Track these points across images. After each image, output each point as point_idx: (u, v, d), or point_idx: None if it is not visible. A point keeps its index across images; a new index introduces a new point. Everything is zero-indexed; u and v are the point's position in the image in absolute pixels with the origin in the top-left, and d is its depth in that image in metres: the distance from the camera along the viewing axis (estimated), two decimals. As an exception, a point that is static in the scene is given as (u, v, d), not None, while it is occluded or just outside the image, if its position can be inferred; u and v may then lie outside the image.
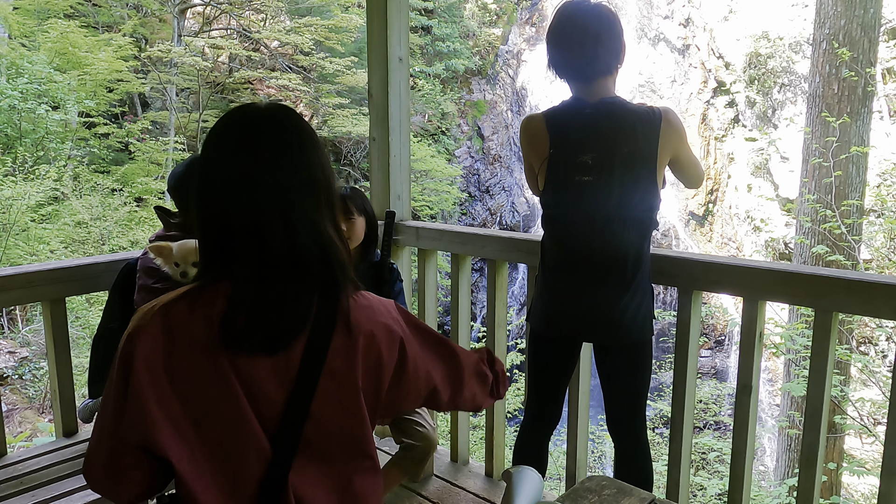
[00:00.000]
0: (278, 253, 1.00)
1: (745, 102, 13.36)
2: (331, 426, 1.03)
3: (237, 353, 0.97)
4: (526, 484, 1.27)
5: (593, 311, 1.88)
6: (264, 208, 1.00)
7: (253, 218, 1.00)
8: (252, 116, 1.06)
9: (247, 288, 0.99)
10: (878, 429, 5.92)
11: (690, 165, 1.90)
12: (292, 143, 1.04)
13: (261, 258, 1.00)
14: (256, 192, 1.01)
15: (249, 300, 0.98)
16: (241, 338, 0.96)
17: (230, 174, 1.02)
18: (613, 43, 1.81)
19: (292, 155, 1.03)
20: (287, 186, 1.02)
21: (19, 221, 6.59)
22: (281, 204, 1.01)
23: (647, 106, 1.83)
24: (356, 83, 10.96)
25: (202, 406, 0.97)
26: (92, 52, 8.94)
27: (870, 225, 7.69)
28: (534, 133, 1.90)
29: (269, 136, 1.03)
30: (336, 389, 1.01)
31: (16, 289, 1.99)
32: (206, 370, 0.97)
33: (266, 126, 1.05)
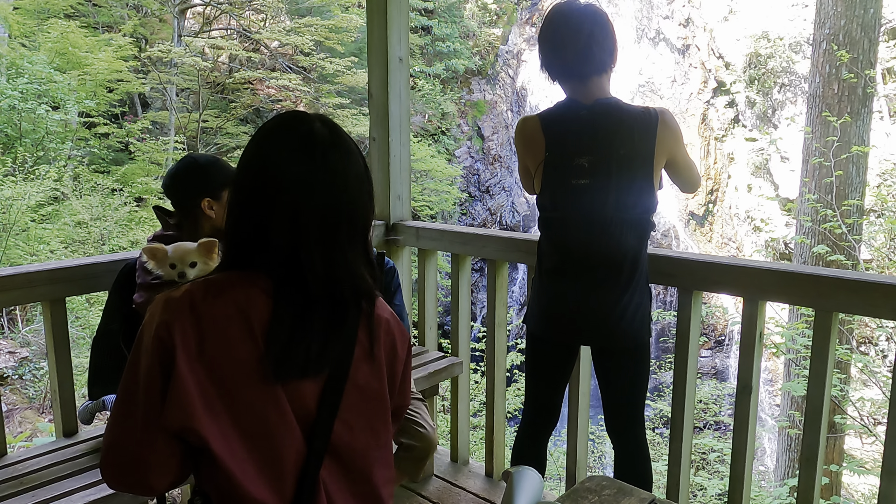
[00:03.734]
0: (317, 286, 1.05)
1: (745, 102, 13.36)
2: (358, 432, 1.08)
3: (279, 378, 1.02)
4: (526, 484, 1.27)
5: (591, 314, 1.87)
6: (301, 229, 1.04)
7: (288, 237, 1.04)
8: (305, 128, 1.08)
9: (287, 314, 1.02)
10: (878, 429, 5.92)
11: (686, 168, 1.90)
12: (339, 164, 1.07)
13: (302, 283, 1.04)
14: (296, 211, 1.04)
15: (289, 329, 1.02)
16: (279, 365, 1.01)
17: (270, 184, 1.05)
18: (607, 42, 1.81)
19: (337, 179, 1.07)
20: (329, 212, 1.05)
21: (19, 221, 6.59)
22: (320, 229, 1.05)
23: (644, 107, 1.83)
24: (356, 83, 10.96)
25: (242, 400, 1.00)
26: (92, 52, 8.94)
27: (870, 225, 7.69)
28: (529, 135, 1.89)
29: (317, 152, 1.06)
30: (362, 398, 1.09)
31: (16, 289, 1.99)
32: (246, 368, 0.99)
33: (315, 141, 1.07)
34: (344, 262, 1.06)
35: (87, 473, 1.86)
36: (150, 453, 0.98)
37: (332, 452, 1.06)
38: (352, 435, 1.07)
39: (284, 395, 1.01)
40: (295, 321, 1.02)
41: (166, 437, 0.98)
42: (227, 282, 1.04)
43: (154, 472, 1.00)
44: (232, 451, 0.98)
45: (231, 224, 1.08)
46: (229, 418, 0.99)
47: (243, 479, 0.98)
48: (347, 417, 1.06)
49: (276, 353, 1.00)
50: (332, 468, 1.06)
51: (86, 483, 1.80)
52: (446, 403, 6.10)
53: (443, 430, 4.96)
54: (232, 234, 1.08)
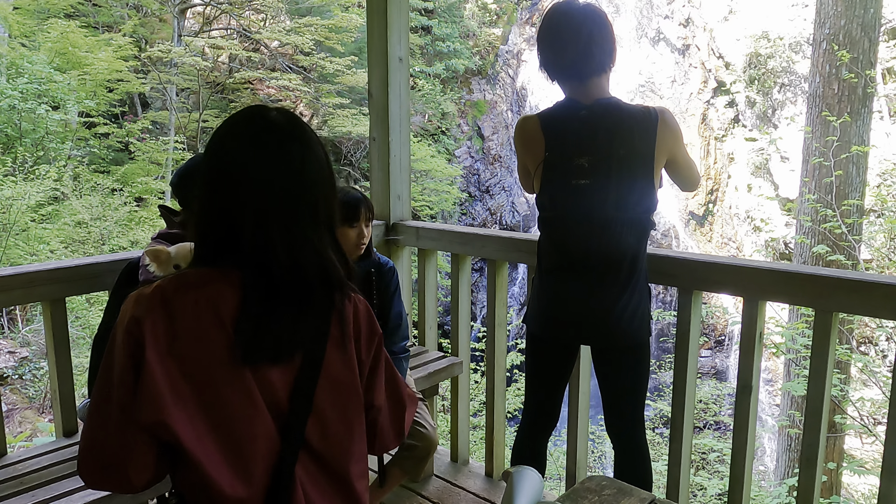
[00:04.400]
0: (284, 269, 1.06)
1: (745, 102, 13.36)
2: (332, 423, 1.08)
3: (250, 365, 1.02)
4: (526, 484, 1.27)
5: (591, 314, 1.87)
6: (261, 217, 1.05)
7: (250, 225, 1.05)
8: (262, 121, 1.10)
9: (255, 299, 1.03)
10: (878, 429, 5.92)
11: (686, 168, 1.90)
12: (295, 152, 1.09)
13: (267, 271, 1.05)
14: (257, 201, 1.05)
15: (257, 314, 1.03)
16: (248, 350, 1.01)
17: (231, 177, 1.07)
18: (606, 42, 1.81)
19: (294, 166, 1.08)
20: (286, 199, 1.07)
21: (19, 221, 6.59)
22: (280, 217, 1.06)
23: (643, 106, 1.82)
24: (356, 83, 10.95)
25: (213, 392, 1.00)
26: (92, 52, 8.94)
27: (870, 225, 7.69)
28: (529, 135, 1.88)
29: (274, 144, 1.08)
30: (335, 389, 1.08)
31: (16, 289, 1.99)
32: (216, 359, 1.01)
33: (272, 134, 1.09)
34: (309, 249, 1.08)
35: (87, 473, 1.86)
36: (127, 451, 0.99)
37: (307, 447, 1.06)
38: (326, 428, 1.07)
39: (255, 383, 1.01)
40: (262, 307, 1.03)
41: (141, 433, 0.98)
42: (198, 276, 1.05)
43: (132, 470, 1.00)
44: (203, 446, 0.99)
45: (199, 220, 1.09)
46: (201, 412, 0.99)
47: (215, 474, 0.99)
48: (322, 410, 1.06)
49: (243, 339, 1.01)
50: (306, 462, 1.06)
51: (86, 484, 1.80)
52: (446, 403, 6.10)
53: (443, 430, 4.96)
54: (201, 231, 1.09)
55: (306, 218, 1.08)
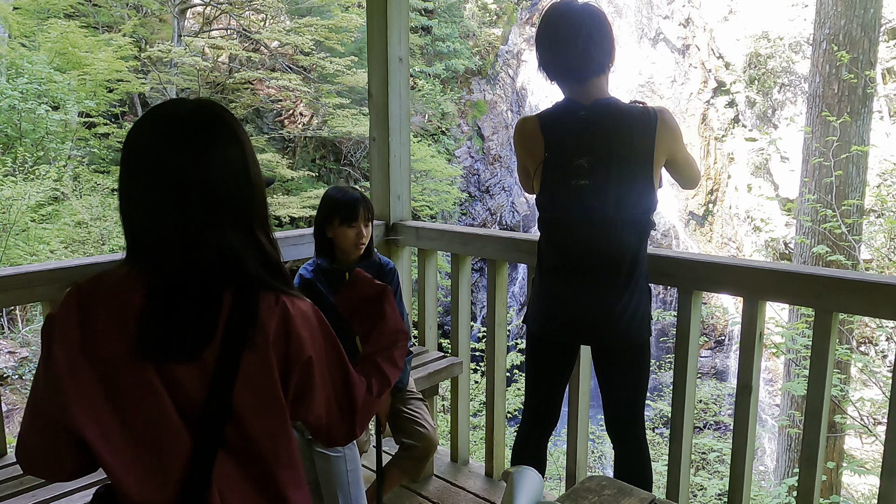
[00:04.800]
0: (178, 267, 1.02)
1: (745, 102, 13.36)
2: (253, 428, 1.03)
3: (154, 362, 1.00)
4: (526, 484, 1.27)
5: (591, 314, 1.87)
6: (158, 215, 1.02)
7: (151, 224, 1.03)
8: (168, 112, 1.06)
9: (156, 298, 1.01)
10: (878, 429, 5.92)
11: (686, 166, 1.90)
12: (195, 143, 1.03)
13: (164, 270, 1.02)
14: (153, 196, 1.02)
15: (156, 313, 1.00)
16: (148, 348, 0.99)
17: (133, 172, 1.03)
18: (605, 43, 1.81)
19: (193, 158, 1.02)
20: (181, 194, 1.02)
21: (19, 221, 6.59)
22: (174, 213, 1.02)
23: (643, 106, 1.82)
24: (356, 83, 10.95)
25: (121, 392, 0.99)
26: (92, 52, 8.93)
27: (870, 225, 7.69)
28: (528, 136, 1.88)
29: (173, 134, 1.03)
30: (253, 393, 1.02)
31: (16, 289, 1.99)
32: (122, 358, 0.99)
33: (173, 124, 1.04)
34: (206, 247, 1.02)
35: (87, 473, 1.86)
36: (44, 444, 1.01)
37: (228, 450, 1.02)
38: (247, 432, 1.03)
39: (161, 382, 0.99)
40: (162, 306, 1.00)
41: (56, 428, 0.99)
42: (113, 276, 1.04)
43: (52, 462, 1.02)
44: (111, 447, 0.98)
45: (120, 215, 1.08)
46: (110, 413, 0.98)
47: (122, 476, 0.98)
48: (241, 413, 1.02)
49: (144, 337, 0.99)
50: (227, 467, 1.02)
51: (86, 483, 1.80)
52: (446, 403, 6.10)
53: (443, 430, 4.96)
54: (123, 226, 1.08)
55: (200, 212, 1.02)
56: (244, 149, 1.08)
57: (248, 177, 1.07)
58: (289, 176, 10.68)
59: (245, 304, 1.02)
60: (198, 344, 1.00)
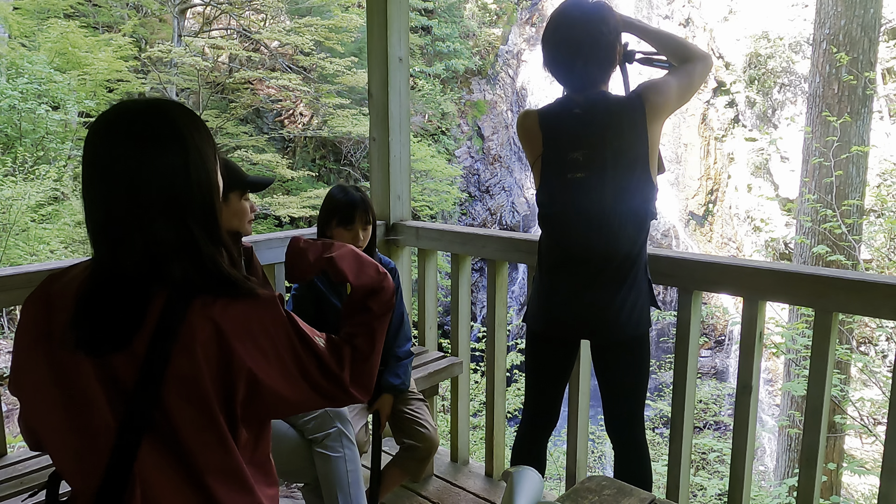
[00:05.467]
0: (106, 260, 1.03)
1: (745, 102, 13.36)
2: (182, 423, 1.01)
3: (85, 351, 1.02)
4: (526, 484, 1.27)
5: (592, 309, 1.88)
6: (92, 210, 1.05)
7: (89, 220, 1.05)
8: (116, 111, 1.08)
9: (88, 288, 1.04)
10: (878, 429, 5.92)
11: (682, 86, 1.85)
12: (131, 141, 1.03)
13: (101, 259, 1.04)
14: (91, 193, 1.05)
15: (87, 301, 1.02)
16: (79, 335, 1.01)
17: (83, 168, 1.06)
18: (603, 55, 1.82)
19: (125, 156, 1.02)
20: (111, 190, 1.03)
21: (19, 221, 6.59)
22: (104, 208, 1.03)
23: (629, 93, 1.83)
24: (356, 83, 10.95)
25: (64, 378, 1.02)
26: (92, 52, 8.93)
27: (870, 225, 7.69)
28: (528, 131, 1.93)
29: (113, 133, 1.05)
30: (183, 389, 1.01)
31: (16, 289, 1.99)
32: (64, 346, 1.02)
33: (117, 122, 1.06)
34: (125, 241, 1.02)
35: (87, 473, 1.85)
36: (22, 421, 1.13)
37: (155, 439, 1.01)
38: (177, 426, 1.01)
39: (94, 369, 1.00)
40: (91, 295, 1.03)
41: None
42: (78, 266, 1.09)
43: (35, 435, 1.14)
44: (50, 428, 1.05)
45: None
46: (54, 394, 1.03)
47: (58, 460, 1.06)
48: (170, 408, 1.00)
49: (74, 324, 1.01)
50: (154, 458, 1.01)
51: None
52: (446, 403, 6.10)
53: (443, 430, 4.96)
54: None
55: (132, 212, 1.02)
56: (187, 147, 1.05)
57: (188, 175, 1.04)
58: (289, 176, 10.68)
59: (174, 304, 1.01)
60: (123, 333, 1.00)
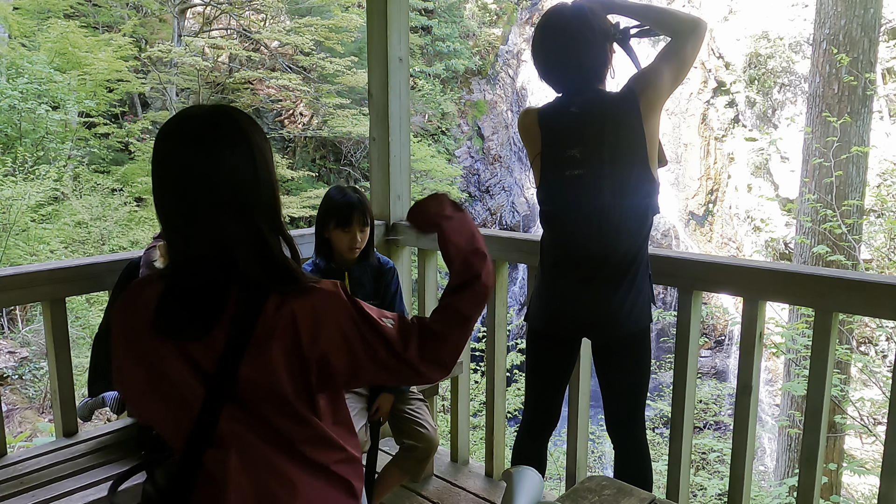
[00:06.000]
0: (185, 256, 1.12)
1: (745, 102, 13.36)
2: (262, 404, 1.11)
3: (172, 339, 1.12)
4: (526, 484, 1.27)
5: (592, 306, 1.87)
6: (171, 210, 1.13)
7: (167, 219, 1.13)
8: (185, 118, 1.14)
9: (170, 285, 1.14)
10: (878, 429, 5.92)
11: (674, 68, 1.87)
12: (205, 145, 1.10)
13: (177, 258, 1.14)
14: (169, 193, 1.12)
15: (168, 297, 1.13)
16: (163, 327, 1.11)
17: (156, 172, 1.13)
18: (594, 58, 1.83)
19: (201, 158, 1.09)
20: (189, 189, 1.10)
21: (19, 221, 6.59)
22: (184, 207, 1.11)
23: (621, 88, 1.83)
24: (356, 83, 10.95)
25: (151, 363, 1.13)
26: (92, 52, 8.94)
27: (870, 225, 7.69)
28: (527, 129, 1.94)
29: (187, 138, 1.11)
30: (258, 377, 1.10)
31: (16, 289, 1.99)
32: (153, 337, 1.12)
33: (189, 128, 1.12)
34: (205, 237, 1.10)
35: (87, 473, 1.86)
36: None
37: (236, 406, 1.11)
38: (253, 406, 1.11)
39: (178, 354, 1.10)
40: (172, 291, 1.12)
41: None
42: (154, 274, 1.20)
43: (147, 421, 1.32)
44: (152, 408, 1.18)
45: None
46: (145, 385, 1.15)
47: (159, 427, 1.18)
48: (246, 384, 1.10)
49: (158, 318, 1.12)
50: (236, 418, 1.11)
51: (86, 483, 1.80)
52: (446, 403, 6.10)
53: (443, 430, 4.96)
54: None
55: (207, 211, 1.09)
56: (253, 149, 1.12)
57: (256, 176, 1.12)
58: (289, 176, 10.68)
59: (249, 298, 1.10)
60: (202, 326, 1.10)
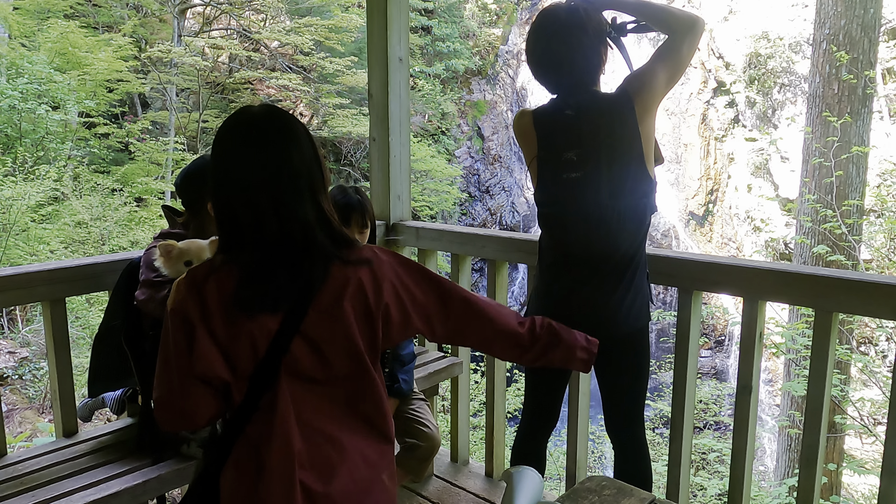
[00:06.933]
0: (271, 239, 1.27)
1: (745, 102, 13.37)
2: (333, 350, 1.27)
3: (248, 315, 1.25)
4: (526, 484, 1.27)
5: (592, 306, 1.88)
6: (256, 202, 1.27)
7: (250, 211, 1.27)
8: (247, 122, 1.31)
9: (250, 269, 1.26)
10: (878, 429, 5.92)
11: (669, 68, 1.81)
12: (275, 143, 1.29)
13: (258, 243, 1.27)
14: (250, 189, 1.27)
15: (251, 278, 1.26)
16: (247, 305, 1.25)
17: (230, 174, 1.29)
18: (588, 60, 1.83)
19: (276, 155, 1.28)
20: (272, 183, 1.27)
21: (19, 221, 6.59)
22: (269, 198, 1.26)
23: (616, 89, 1.83)
24: (356, 83, 10.96)
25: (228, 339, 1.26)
26: (92, 52, 8.93)
27: (870, 225, 7.69)
28: (523, 130, 1.94)
29: (258, 140, 1.29)
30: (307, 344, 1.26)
31: (16, 289, 1.99)
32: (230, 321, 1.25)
33: (255, 131, 1.29)
34: (294, 219, 1.27)
35: (87, 473, 1.86)
36: (192, 394, 1.27)
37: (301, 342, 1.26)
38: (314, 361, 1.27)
39: (253, 326, 1.24)
40: (255, 270, 1.26)
41: (198, 381, 1.26)
42: (213, 262, 1.31)
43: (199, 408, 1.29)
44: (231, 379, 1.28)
45: (216, 215, 1.33)
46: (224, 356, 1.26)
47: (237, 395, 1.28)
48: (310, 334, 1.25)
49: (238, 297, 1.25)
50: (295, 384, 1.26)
51: (86, 483, 1.80)
52: (446, 403, 6.10)
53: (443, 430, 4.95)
54: (218, 224, 1.33)
55: (290, 194, 1.27)
56: (311, 140, 1.34)
57: (319, 162, 1.33)
58: (289, 176, 10.66)
59: (316, 268, 1.27)
60: (282, 300, 1.25)
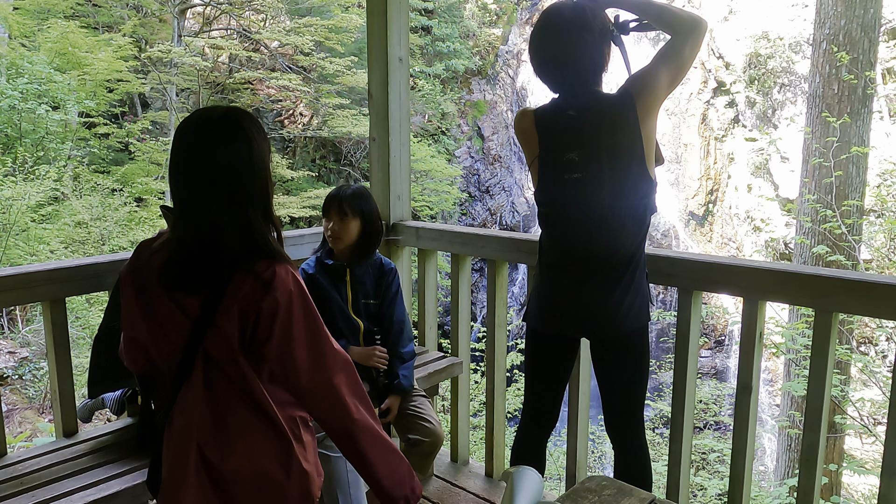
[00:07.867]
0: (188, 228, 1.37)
1: (745, 102, 13.36)
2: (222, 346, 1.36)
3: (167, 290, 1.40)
4: (526, 484, 1.27)
5: (591, 306, 1.88)
6: (179, 192, 1.38)
7: (176, 197, 1.39)
8: (198, 118, 1.40)
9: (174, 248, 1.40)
10: (878, 429, 5.92)
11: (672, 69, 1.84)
12: (207, 145, 1.36)
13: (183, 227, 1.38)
14: (178, 177, 1.39)
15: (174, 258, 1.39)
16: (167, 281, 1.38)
17: (171, 157, 1.40)
18: (591, 61, 1.83)
19: (205, 155, 1.36)
20: (192, 178, 1.36)
21: (19, 221, 6.59)
22: (189, 191, 1.37)
23: (619, 90, 1.83)
24: (356, 83, 10.95)
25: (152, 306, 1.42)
26: (92, 52, 8.94)
27: (870, 225, 7.69)
28: (524, 130, 1.94)
29: (193, 137, 1.38)
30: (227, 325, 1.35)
31: (16, 289, 1.99)
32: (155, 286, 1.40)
33: (196, 128, 1.39)
34: (206, 216, 1.34)
35: (87, 473, 1.86)
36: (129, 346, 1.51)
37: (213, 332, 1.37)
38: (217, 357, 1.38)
39: (173, 302, 1.38)
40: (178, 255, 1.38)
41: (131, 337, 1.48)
42: (164, 234, 1.45)
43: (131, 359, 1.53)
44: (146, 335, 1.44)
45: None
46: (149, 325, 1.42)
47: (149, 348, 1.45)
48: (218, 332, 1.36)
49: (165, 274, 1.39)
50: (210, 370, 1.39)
51: (86, 483, 1.80)
52: (446, 403, 6.10)
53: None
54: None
55: (210, 195, 1.35)
56: (252, 147, 1.38)
57: (252, 170, 1.37)
58: (288, 176, 10.68)
59: (227, 267, 1.35)
60: (198, 283, 1.36)
